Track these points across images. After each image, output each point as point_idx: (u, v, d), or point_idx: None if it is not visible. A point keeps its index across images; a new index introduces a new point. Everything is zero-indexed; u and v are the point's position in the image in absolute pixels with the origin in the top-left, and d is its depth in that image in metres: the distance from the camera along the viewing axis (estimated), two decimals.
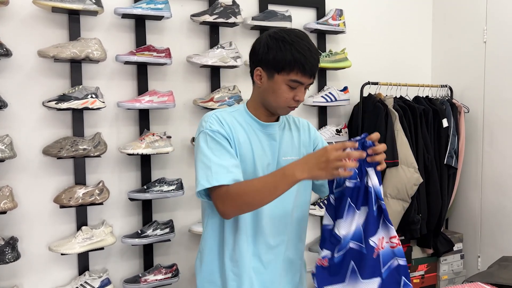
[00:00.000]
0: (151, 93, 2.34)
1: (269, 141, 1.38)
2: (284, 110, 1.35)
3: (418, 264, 2.87)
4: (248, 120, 1.37)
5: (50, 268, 2.28)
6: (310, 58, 1.27)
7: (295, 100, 1.31)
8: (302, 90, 1.31)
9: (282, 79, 1.29)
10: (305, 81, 1.30)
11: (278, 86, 1.30)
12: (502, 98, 2.76)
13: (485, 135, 2.89)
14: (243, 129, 1.35)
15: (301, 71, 1.27)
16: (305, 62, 1.26)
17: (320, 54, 1.39)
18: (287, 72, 1.28)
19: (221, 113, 1.36)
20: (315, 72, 1.31)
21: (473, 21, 2.94)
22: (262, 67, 1.33)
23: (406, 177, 2.59)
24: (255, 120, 1.37)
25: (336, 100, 2.78)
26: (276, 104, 1.33)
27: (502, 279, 1.48)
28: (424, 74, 3.28)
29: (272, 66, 1.30)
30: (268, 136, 1.38)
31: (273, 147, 1.38)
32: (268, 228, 1.38)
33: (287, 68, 1.27)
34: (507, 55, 2.72)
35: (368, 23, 3.06)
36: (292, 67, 1.27)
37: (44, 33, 2.22)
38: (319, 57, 1.32)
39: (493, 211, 2.84)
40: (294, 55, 1.26)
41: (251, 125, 1.37)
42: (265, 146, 1.37)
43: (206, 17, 2.42)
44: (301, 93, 1.31)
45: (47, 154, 2.13)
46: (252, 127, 1.37)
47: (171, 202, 2.52)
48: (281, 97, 1.30)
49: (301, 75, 1.27)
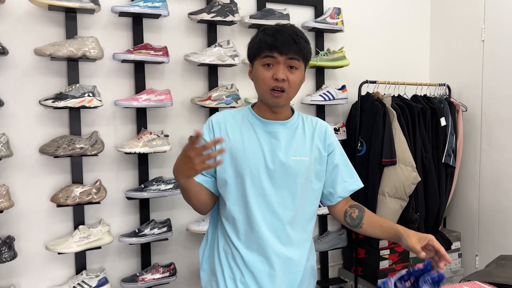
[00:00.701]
0: (149, 91, 2.33)
1: (269, 138, 1.38)
2: (269, 95, 1.34)
3: (416, 263, 2.87)
4: (249, 118, 1.42)
5: (47, 267, 2.27)
6: (277, 35, 1.30)
7: (274, 78, 1.31)
8: (279, 68, 1.31)
9: (258, 63, 1.34)
10: (276, 56, 1.30)
11: (257, 71, 1.34)
12: (500, 96, 2.76)
13: (483, 134, 2.89)
14: (238, 127, 1.40)
15: (267, 47, 1.30)
16: (270, 39, 1.30)
17: (308, 43, 1.41)
18: (258, 54, 1.33)
19: (219, 116, 1.43)
20: (285, 47, 1.29)
21: (471, 19, 2.94)
22: (250, 62, 1.41)
23: (404, 175, 2.59)
24: (256, 117, 1.41)
25: (334, 98, 2.78)
26: (260, 90, 1.35)
27: (500, 278, 1.47)
28: (422, 72, 3.27)
29: (250, 58, 1.38)
30: (268, 133, 1.38)
31: (272, 145, 1.38)
32: (261, 232, 1.37)
33: (257, 50, 1.33)
34: (505, 54, 2.72)
35: (367, 22, 3.06)
36: (260, 47, 1.32)
37: (41, 31, 2.21)
38: (296, 37, 1.32)
39: (491, 210, 2.84)
40: (261, 37, 1.32)
41: (251, 122, 1.41)
42: (262, 142, 1.38)
43: (203, 16, 2.41)
44: (278, 71, 1.30)
45: (44, 153, 2.12)
46: (252, 124, 1.40)
47: (168, 201, 2.51)
48: (260, 79, 1.33)
49: (268, 51, 1.30)
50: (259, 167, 1.36)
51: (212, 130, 1.41)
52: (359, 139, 2.76)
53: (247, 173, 1.36)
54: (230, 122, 1.41)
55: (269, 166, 1.36)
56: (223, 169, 1.39)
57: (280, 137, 1.38)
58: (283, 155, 1.37)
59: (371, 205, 2.66)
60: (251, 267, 1.37)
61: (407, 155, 2.61)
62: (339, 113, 2.98)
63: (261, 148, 1.37)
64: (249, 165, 1.36)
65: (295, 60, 1.32)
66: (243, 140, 1.38)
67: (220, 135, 1.39)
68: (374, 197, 2.65)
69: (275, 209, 1.37)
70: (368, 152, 2.70)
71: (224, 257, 1.41)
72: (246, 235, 1.38)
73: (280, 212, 1.37)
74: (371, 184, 2.65)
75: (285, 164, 1.36)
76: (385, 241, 2.75)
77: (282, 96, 1.33)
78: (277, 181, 1.37)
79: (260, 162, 1.36)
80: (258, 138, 1.38)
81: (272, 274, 1.37)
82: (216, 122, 1.42)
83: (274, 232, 1.38)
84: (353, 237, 2.88)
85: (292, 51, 1.30)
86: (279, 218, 1.38)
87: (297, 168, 1.37)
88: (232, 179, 1.38)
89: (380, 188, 2.63)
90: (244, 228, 1.38)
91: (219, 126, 1.41)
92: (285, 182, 1.37)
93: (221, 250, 1.43)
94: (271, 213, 1.37)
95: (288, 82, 1.32)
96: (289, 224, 1.39)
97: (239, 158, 1.37)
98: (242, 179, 1.36)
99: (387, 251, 2.75)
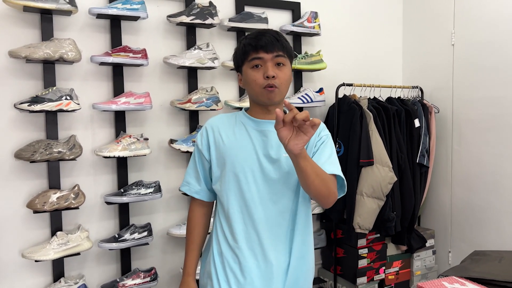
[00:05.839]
0: (128, 94, 2.30)
1: (261, 137, 1.41)
2: (262, 94, 1.37)
3: (393, 260, 2.95)
4: (242, 119, 1.46)
5: (23, 275, 2.20)
6: (259, 36, 1.36)
7: (265, 77, 1.35)
8: (268, 66, 1.35)
9: (246, 66, 1.38)
10: (263, 56, 1.35)
11: (247, 74, 1.38)
12: (470, 98, 2.87)
13: (454, 134, 3.00)
14: (232, 128, 1.45)
15: (253, 49, 1.35)
16: (254, 41, 1.35)
17: (289, 43, 1.45)
18: (246, 58, 1.38)
19: (213, 120, 1.50)
20: (270, 46, 1.34)
21: (441, 24, 3.05)
22: (238, 71, 1.45)
23: (381, 176, 2.66)
24: (248, 118, 1.45)
25: (312, 101, 2.82)
26: (254, 92, 1.38)
27: (476, 273, 1.53)
28: (396, 75, 3.37)
29: (238, 64, 1.42)
30: (260, 132, 1.42)
31: (264, 143, 1.40)
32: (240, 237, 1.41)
33: (244, 55, 1.38)
34: (473, 57, 2.84)
35: (342, 26, 3.13)
36: (246, 51, 1.37)
37: (15, 32, 2.14)
38: (278, 36, 1.38)
39: (462, 208, 2.95)
40: (245, 42, 1.38)
41: (243, 122, 1.45)
42: (254, 140, 1.41)
43: (183, 18, 2.41)
44: (268, 68, 1.34)
45: (20, 158, 2.06)
46: (245, 125, 1.44)
47: (148, 205, 2.48)
48: (252, 81, 1.37)
49: (255, 52, 1.35)
50: (253, 165, 1.38)
51: (206, 135, 1.47)
52: (337, 141, 2.81)
53: (241, 172, 1.38)
54: (223, 124, 1.47)
55: (262, 164, 1.38)
56: (218, 169, 1.44)
57: (270, 135, 1.41)
58: (275, 153, 1.39)
59: (350, 205, 2.72)
60: (247, 269, 1.38)
61: (383, 156, 2.68)
62: (317, 115, 3.03)
63: (254, 146, 1.40)
64: (243, 164, 1.38)
65: (281, 57, 1.37)
66: (236, 140, 1.42)
67: (214, 138, 1.45)
68: (352, 197, 2.70)
69: (270, 207, 1.39)
70: (346, 153, 2.76)
71: (218, 260, 1.42)
72: (243, 235, 1.39)
73: (275, 210, 1.39)
74: (349, 185, 2.70)
75: (277, 161, 1.38)
76: (364, 240, 2.81)
77: (275, 91, 1.36)
78: (271, 178, 1.38)
79: (253, 160, 1.39)
80: (250, 137, 1.41)
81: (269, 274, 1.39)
82: (210, 127, 1.48)
83: (270, 230, 1.39)
84: (332, 237, 2.93)
85: (276, 48, 1.35)
86: (275, 215, 1.39)
87: (290, 164, 1.38)
88: (228, 179, 1.40)
89: (358, 188, 2.69)
90: (241, 228, 1.39)
91: (212, 130, 1.47)
92: (279, 179, 1.39)
93: (215, 253, 1.43)
94: (267, 211, 1.39)
95: (279, 79, 1.36)
96: (286, 223, 1.41)
97: (233, 156, 1.40)
98: (237, 177, 1.39)
99: (365, 250, 2.81)
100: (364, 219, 2.67)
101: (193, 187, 1.51)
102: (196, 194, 1.51)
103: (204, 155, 1.47)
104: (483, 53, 2.77)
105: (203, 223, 1.54)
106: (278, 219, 1.40)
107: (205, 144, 1.47)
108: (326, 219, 3.01)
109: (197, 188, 1.51)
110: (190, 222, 1.54)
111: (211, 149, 1.45)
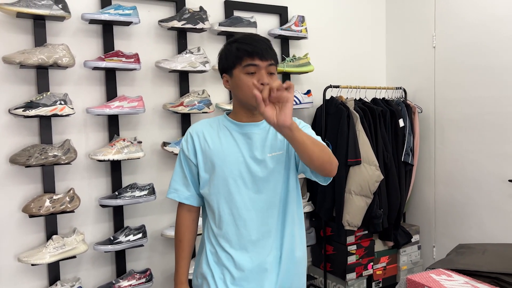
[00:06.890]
0: (121, 98, 2.33)
1: (245, 139, 1.46)
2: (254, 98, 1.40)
3: (381, 256, 3.04)
4: (225, 123, 1.49)
5: (19, 280, 2.21)
6: (253, 43, 1.38)
7: (260, 84, 1.36)
8: (262, 73, 1.38)
9: (239, 71, 1.39)
10: (258, 63, 1.38)
11: (239, 79, 1.39)
12: (451, 98, 2.99)
13: (436, 133, 3.11)
14: (216, 132, 1.48)
15: (248, 55, 1.37)
16: (250, 47, 1.37)
17: (276, 52, 1.49)
18: (239, 62, 1.38)
19: (197, 126, 1.51)
20: (265, 54, 1.38)
21: (422, 27, 3.17)
22: (224, 73, 1.46)
23: (368, 174, 2.75)
24: (231, 122, 1.48)
25: (301, 103, 2.90)
26: (245, 96, 1.40)
27: (461, 265, 1.62)
28: (380, 77, 3.47)
29: (228, 67, 1.43)
30: (244, 135, 1.46)
31: (249, 145, 1.45)
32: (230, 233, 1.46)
33: (237, 59, 1.39)
34: (453, 59, 2.95)
35: (328, 29, 3.21)
36: (240, 56, 1.38)
37: (7, 38, 2.16)
38: (269, 44, 1.42)
39: (446, 204, 3.07)
40: (239, 46, 1.39)
41: (227, 127, 1.48)
42: (240, 143, 1.45)
43: (174, 23, 2.45)
44: (263, 76, 1.38)
45: (15, 162, 2.08)
46: (228, 129, 1.47)
47: (142, 207, 2.52)
48: (244, 87, 1.39)
49: (250, 59, 1.37)
50: (241, 168, 1.43)
51: (192, 141, 1.49)
52: (325, 141, 2.89)
53: (230, 176, 1.43)
54: (207, 130, 1.49)
55: (249, 166, 1.43)
56: (207, 173, 1.47)
57: (254, 137, 1.45)
58: (260, 153, 1.44)
59: (339, 203, 2.80)
60: (241, 266, 1.43)
61: (370, 155, 2.77)
62: (305, 116, 3.10)
63: (239, 148, 1.44)
64: (231, 168, 1.43)
65: (273, 66, 1.41)
66: (221, 144, 1.45)
67: (199, 143, 1.47)
68: (341, 196, 2.79)
69: (260, 205, 1.44)
70: (334, 153, 2.83)
71: (212, 260, 1.47)
72: (235, 236, 1.44)
73: (265, 208, 1.44)
74: (338, 183, 2.79)
75: (263, 161, 1.43)
76: (352, 237, 2.90)
77: None
78: (259, 178, 1.43)
79: (240, 162, 1.43)
80: (235, 140, 1.45)
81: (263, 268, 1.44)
82: (195, 133, 1.49)
83: (261, 227, 1.44)
84: (322, 235, 3.01)
85: (269, 56, 1.39)
86: (265, 211, 1.44)
87: (275, 163, 1.44)
88: (217, 183, 1.44)
89: (347, 186, 2.78)
90: (232, 229, 1.44)
91: (197, 135, 1.48)
92: (267, 177, 1.44)
93: (208, 253, 1.48)
94: (256, 210, 1.44)
95: None
96: (276, 219, 1.46)
97: (220, 161, 1.43)
98: (226, 182, 1.43)
99: (354, 246, 2.90)
100: (353, 217, 2.76)
101: (182, 194, 1.52)
102: (186, 200, 1.52)
103: (191, 159, 1.49)
104: (464, 55, 2.89)
105: (192, 230, 1.56)
106: (268, 215, 1.45)
107: (191, 149, 1.49)
108: (315, 217, 3.09)
109: (186, 194, 1.52)
110: (179, 229, 1.55)
111: (198, 154, 1.48)
